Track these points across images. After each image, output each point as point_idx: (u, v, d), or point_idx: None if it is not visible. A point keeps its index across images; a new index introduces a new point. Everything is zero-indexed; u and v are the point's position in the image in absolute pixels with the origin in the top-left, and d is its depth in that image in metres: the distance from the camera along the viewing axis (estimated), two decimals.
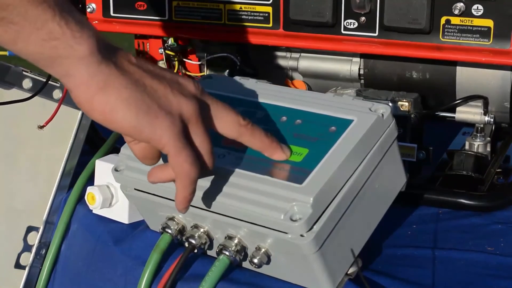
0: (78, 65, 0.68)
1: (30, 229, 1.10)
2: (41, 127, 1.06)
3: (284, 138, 0.83)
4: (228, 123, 0.77)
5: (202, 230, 0.84)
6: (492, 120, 1.08)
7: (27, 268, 1.08)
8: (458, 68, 1.09)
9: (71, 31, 0.67)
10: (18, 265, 1.09)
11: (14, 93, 1.14)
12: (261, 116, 0.87)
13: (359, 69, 1.15)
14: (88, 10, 1.23)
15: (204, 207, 0.81)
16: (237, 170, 0.81)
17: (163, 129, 0.71)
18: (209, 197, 0.81)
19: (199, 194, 0.81)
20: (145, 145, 0.76)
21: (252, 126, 0.79)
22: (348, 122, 0.83)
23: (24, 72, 1.15)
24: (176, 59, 1.26)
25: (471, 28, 1.01)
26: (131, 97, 0.70)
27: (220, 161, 0.82)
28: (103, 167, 1.01)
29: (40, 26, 0.67)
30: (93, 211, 1.02)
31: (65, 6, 0.68)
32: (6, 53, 1.09)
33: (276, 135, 0.84)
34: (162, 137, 0.71)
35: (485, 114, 1.08)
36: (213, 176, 0.81)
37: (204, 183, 0.81)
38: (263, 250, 0.80)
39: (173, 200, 0.83)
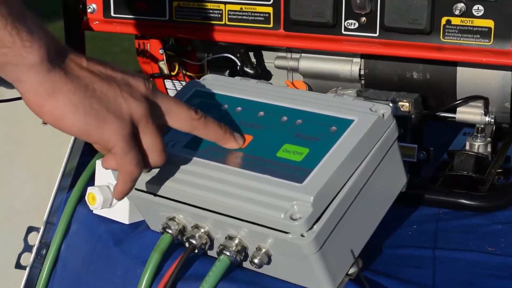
0: (28, 72, 0.70)
1: (30, 229, 1.10)
2: (45, 123, 1.06)
3: (285, 137, 0.83)
4: (180, 118, 0.80)
5: (202, 230, 0.84)
6: (492, 120, 1.08)
7: (27, 269, 1.08)
8: (459, 68, 1.09)
9: (21, 40, 0.69)
10: (18, 266, 1.09)
11: (14, 93, 1.14)
12: (262, 116, 0.87)
13: (360, 69, 1.15)
14: (89, 10, 1.22)
15: (204, 206, 0.81)
16: (237, 169, 0.81)
17: (110, 132, 0.74)
18: (209, 196, 0.81)
19: (199, 193, 0.81)
20: None
21: (205, 119, 0.81)
22: (348, 122, 0.83)
23: None
24: (176, 59, 1.26)
25: (471, 28, 1.01)
26: (80, 102, 0.72)
27: (220, 160, 0.82)
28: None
29: None
30: (94, 212, 1.02)
31: (18, 15, 0.69)
32: None
33: (277, 135, 0.84)
34: (109, 140, 0.74)
35: (485, 114, 1.08)
36: (214, 175, 0.81)
37: (205, 182, 0.81)
38: (263, 250, 0.80)
39: (174, 200, 0.83)
